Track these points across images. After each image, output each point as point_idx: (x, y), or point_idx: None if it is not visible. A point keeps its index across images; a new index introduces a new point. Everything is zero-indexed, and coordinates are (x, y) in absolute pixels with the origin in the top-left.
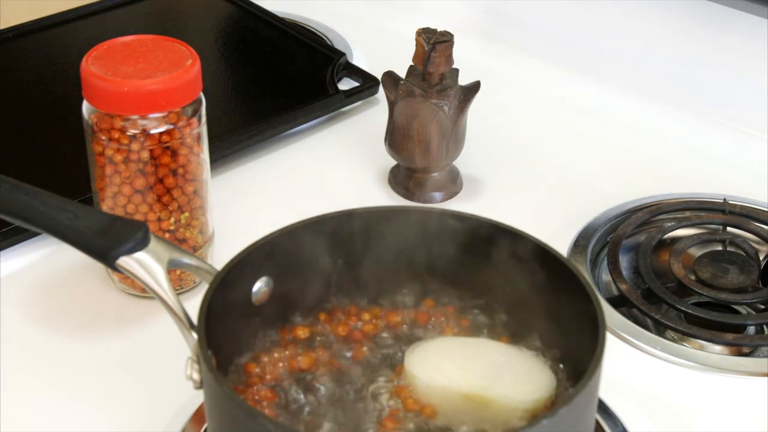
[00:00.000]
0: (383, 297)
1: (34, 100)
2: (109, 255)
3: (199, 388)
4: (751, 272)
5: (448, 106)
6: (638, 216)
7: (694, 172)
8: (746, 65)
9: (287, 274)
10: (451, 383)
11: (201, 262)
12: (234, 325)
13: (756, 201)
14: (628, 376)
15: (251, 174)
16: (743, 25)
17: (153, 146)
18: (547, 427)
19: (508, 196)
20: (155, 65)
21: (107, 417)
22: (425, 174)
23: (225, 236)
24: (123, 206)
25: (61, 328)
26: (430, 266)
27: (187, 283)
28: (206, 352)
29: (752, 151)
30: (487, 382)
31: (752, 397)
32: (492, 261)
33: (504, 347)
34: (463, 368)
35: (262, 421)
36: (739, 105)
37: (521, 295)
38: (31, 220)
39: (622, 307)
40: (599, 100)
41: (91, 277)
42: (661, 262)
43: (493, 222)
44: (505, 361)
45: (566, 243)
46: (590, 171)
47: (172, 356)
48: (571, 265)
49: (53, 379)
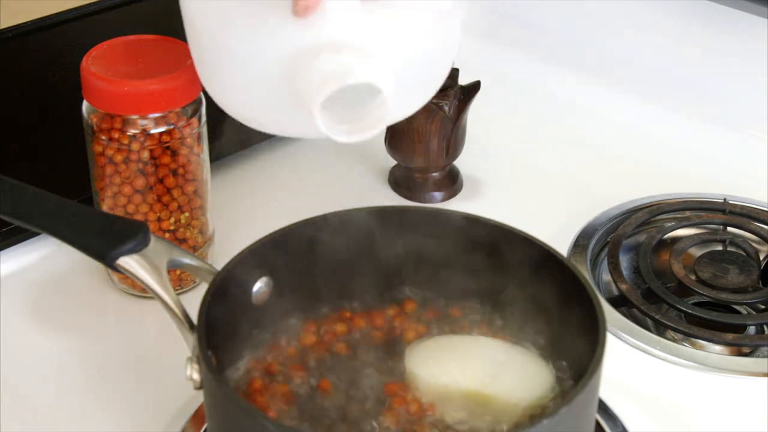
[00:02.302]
0: (383, 296)
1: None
2: (109, 255)
3: (198, 389)
4: (751, 272)
5: (448, 106)
6: (638, 216)
7: (694, 172)
8: (746, 65)
9: (287, 274)
10: (452, 381)
11: (201, 262)
12: (234, 325)
13: (756, 201)
14: (629, 376)
15: (251, 174)
16: (743, 26)
17: (153, 146)
18: (547, 426)
19: (509, 196)
20: (155, 65)
21: (107, 417)
22: (425, 174)
23: (225, 236)
24: (123, 206)
25: (61, 328)
26: (430, 266)
27: (187, 283)
28: (206, 352)
29: (752, 152)
30: (488, 380)
31: (752, 397)
32: (492, 261)
33: (503, 345)
34: (464, 366)
35: (261, 421)
36: (740, 105)
37: (521, 295)
38: (31, 220)
39: (622, 307)
40: (599, 100)
41: (91, 277)
42: (662, 262)
43: (493, 222)
44: (505, 359)
45: (566, 243)
46: (590, 171)
47: (172, 356)
48: (572, 265)
49: (52, 380)
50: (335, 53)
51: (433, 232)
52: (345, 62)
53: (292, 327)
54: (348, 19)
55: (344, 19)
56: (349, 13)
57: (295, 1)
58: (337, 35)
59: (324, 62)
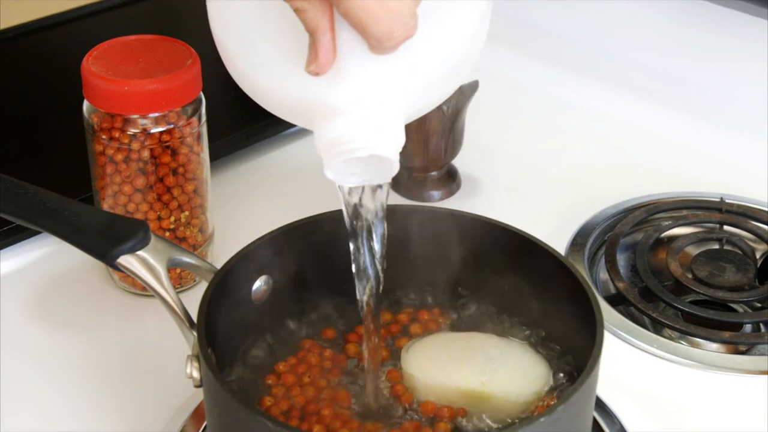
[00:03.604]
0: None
1: (35, 99)
2: (109, 254)
3: (198, 386)
4: (747, 271)
5: (446, 106)
6: (636, 215)
7: (691, 171)
8: (743, 65)
9: (287, 273)
10: (450, 381)
11: (201, 261)
12: (233, 324)
13: (752, 200)
14: (626, 374)
15: (251, 173)
16: (740, 26)
17: (153, 145)
18: (544, 424)
19: (506, 194)
20: (156, 65)
21: (108, 414)
22: (424, 173)
23: (225, 235)
24: (123, 205)
25: (62, 327)
26: (429, 265)
27: (187, 281)
28: (206, 350)
29: (749, 151)
30: (486, 378)
31: (749, 394)
32: (490, 259)
33: (498, 340)
34: (460, 364)
35: (261, 419)
36: (736, 104)
37: (519, 293)
38: (32, 219)
39: (619, 305)
40: (597, 99)
41: (91, 275)
42: (659, 260)
43: (490, 220)
44: (500, 354)
45: (564, 241)
46: (588, 170)
47: (172, 354)
48: (569, 264)
49: (53, 378)
50: (345, 119)
51: (432, 231)
52: (353, 134)
53: (292, 325)
54: (362, 80)
55: (358, 80)
56: (363, 74)
57: (308, 58)
58: (349, 97)
59: (334, 127)
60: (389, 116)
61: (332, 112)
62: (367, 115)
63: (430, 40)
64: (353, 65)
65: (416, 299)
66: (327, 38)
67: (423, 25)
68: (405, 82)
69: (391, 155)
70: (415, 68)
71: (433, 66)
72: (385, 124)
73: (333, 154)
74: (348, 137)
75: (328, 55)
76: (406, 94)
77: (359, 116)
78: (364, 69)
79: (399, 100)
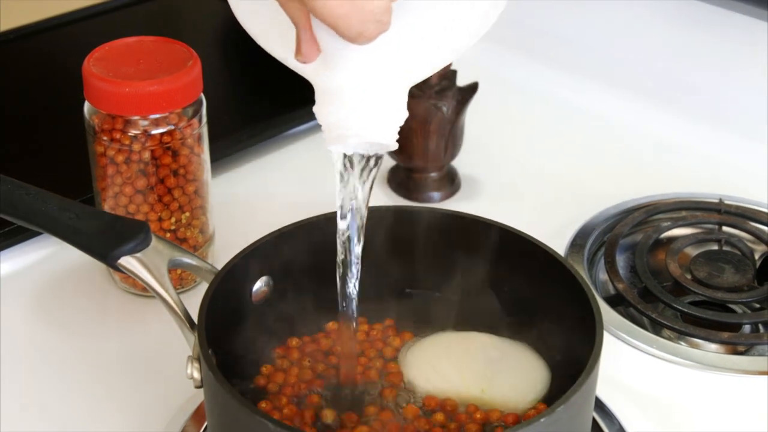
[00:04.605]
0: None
1: (36, 101)
2: (110, 255)
3: (199, 387)
4: (746, 271)
5: (446, 107)
6: (635, 216)
7: (690, 173)
8: (742, 66)
9: (287, 274)
10: (450, 387)
11: (201, 262)
12: (234, 324)
13: (751, 201)
14: (625, 374)
15: (251, 174)
16: (739, 27)
17: (154, 147)
18: (544, 425)
19: (506, 195)
20: (156, 66)
21: (108, 415)
22: (424, 174)
23: (225, 236)
24: (124, 206)
25: (62, 328)
26: (429, 265)
27: (188, 282)
28: (206, 350)
29: (748, 152)
30: (486, 384)
31: (748, 395)
32: (490, 260)
33: (497, 340)
34: (461, 369)
35: (261, 420)
36: (735, 106)
37: (519, 294)
38: (33, 220)
39: (619, 306)
40: (596, 100)
41: (92, 276)
42: (658, 261)
43: (490, 221)
44: (500, 356)
45: (563, 242)
46: (587, 171)
47: (173, 355)
48: (569, 265)
49: (54, 379)
50: (342, 103)
51: (433, 232)
52: (349, 120)
53: (292, 326)
54: (352, 65)
55: (347, 66)
56: (352, 59)
57: (295, 48)
58: (342, 82)
59: (330, 113)
60: (385, 95)
61: (329, 92)
62: (363, 99)
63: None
64: (341, 54)
65: (418, 299)
66: (307, 34)
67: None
68: (397, 56)
69: (386, 140)
70: (407, 38)
71: (424, 32)
72: (380, 106)
73: (331, 138)
74: (344, 123)
75: (310, 47)
76: (400, 69)
77: (354, 100)
78: (352, 54)
79: (393, 77)
